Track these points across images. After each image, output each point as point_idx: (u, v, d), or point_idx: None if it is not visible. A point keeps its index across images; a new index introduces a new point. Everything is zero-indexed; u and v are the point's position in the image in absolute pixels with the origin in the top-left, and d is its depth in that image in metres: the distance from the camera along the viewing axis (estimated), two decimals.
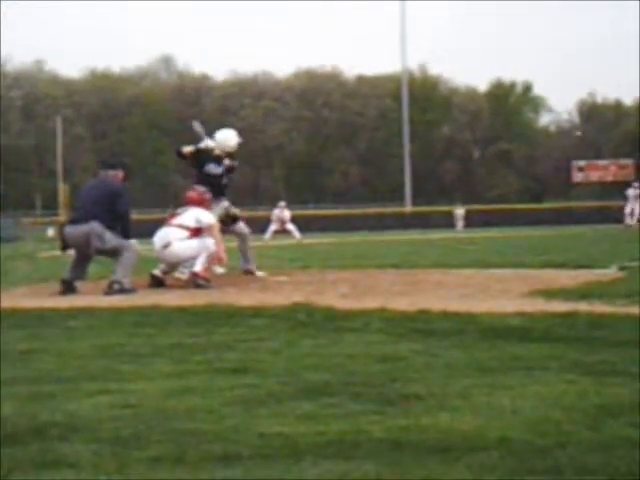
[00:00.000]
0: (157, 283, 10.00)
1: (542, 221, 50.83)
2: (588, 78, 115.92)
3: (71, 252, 10.02)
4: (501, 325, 5.92)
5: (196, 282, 9.72)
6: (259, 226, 26.86)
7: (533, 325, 5.88)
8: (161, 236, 10.09)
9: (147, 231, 12.01)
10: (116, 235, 9.67)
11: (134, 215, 10.72)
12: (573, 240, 23.61)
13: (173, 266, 10.21)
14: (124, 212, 9.85)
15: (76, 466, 2.94)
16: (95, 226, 9.64)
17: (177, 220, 10.13)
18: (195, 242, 9.90)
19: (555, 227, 41.66)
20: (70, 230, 9.90)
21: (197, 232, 10.00)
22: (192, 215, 10.10)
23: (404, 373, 4.41)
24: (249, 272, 11.16)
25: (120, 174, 10.21)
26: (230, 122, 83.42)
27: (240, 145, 11.55)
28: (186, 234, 9.94)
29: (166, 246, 9.94)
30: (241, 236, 11.40)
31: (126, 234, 9.78)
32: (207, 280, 9.82)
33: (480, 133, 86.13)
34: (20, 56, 79.78)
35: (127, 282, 9.46)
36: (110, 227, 9.67)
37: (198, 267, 9.82)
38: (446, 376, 4.31)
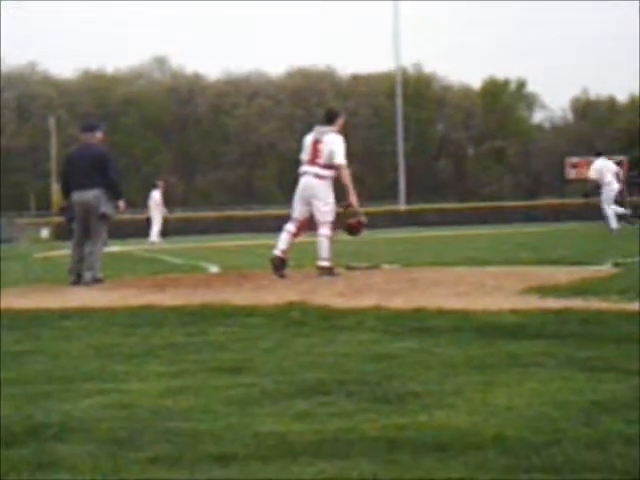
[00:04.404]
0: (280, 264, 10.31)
1: (536, 218, 50.87)
2: (582, 75, 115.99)
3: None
4: (496, 322, 5.92)
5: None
6: (253, 225, 26.74)
7: (528, 322, 5.88)
8: None
9: (141, 231, 12.10)
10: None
11: (128, 215, 11.09)
12: (567, 237, 23.64)
13: None
14: (116, 175, 10.54)
15: (72, 467, 2.93)
16: (101, 193, 10.33)
17: None
18: None
19: (549, 224, 41.69)
20: (79, 196, 10.35)
21: None
22: None
23: (399, 371, 4.41)
24: None
25: (100, 134, 10.70)
26: (223, 121, 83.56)
27: (233, 144, 11.77)
28: None
29: None
30: None
31: (119, 195, 10.60)
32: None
33: (474, 130, 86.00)
34: (13, 57, 79.80)
35: (100, 273, 10.32)
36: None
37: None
38: (441, 374, 4.31)
